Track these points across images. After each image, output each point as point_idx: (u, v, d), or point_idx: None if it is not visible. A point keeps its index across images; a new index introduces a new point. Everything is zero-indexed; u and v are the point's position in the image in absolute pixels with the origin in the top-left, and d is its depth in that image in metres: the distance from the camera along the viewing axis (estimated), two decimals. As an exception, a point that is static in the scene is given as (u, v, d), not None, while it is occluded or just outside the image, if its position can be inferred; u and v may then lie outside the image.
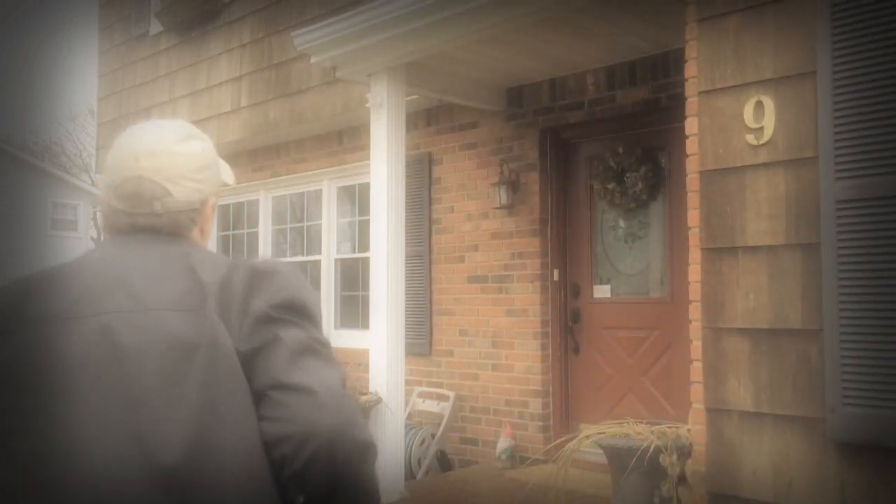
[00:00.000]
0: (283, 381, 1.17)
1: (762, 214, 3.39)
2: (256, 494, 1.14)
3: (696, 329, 3.58)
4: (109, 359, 1.16)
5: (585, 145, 5.97)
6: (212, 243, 8.89)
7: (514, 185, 5.98)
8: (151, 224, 1.33)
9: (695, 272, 3.60)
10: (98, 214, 29.56)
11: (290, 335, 1.21)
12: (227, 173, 1.57)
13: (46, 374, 1.16)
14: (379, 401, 4.94)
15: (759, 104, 3.40)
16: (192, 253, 1.31)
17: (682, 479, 3.74)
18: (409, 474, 5.68)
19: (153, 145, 1.36)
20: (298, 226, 8.07)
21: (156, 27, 8.98)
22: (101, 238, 1.21)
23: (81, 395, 1.14)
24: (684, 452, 3.74)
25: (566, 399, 5.94)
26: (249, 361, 1.19)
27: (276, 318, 1.22)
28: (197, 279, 1.25)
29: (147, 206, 1.33)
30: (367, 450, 1.17)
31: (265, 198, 8.32)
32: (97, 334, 1.17)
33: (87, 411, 1.13)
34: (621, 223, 5.80)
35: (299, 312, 1.25)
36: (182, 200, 1.35)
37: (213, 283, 1.24)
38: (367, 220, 5.53)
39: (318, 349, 1.23)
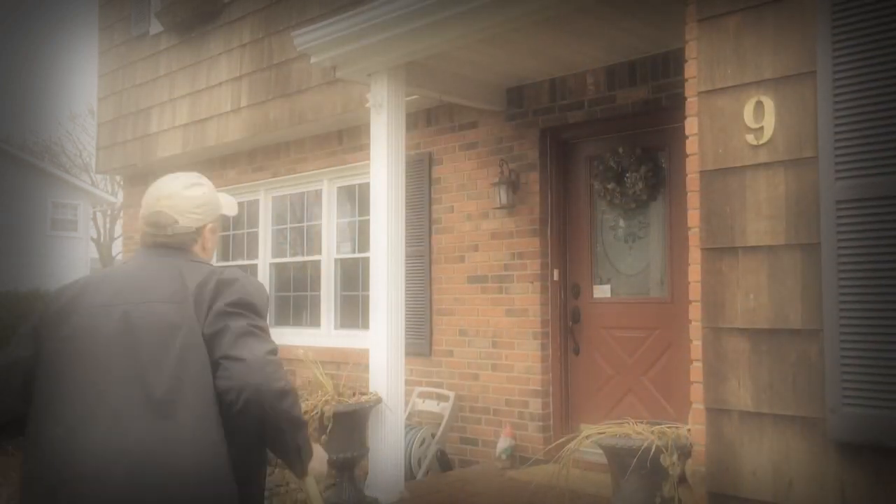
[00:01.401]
0: (228, 353, 1.87)
1: (762, 214, 3.39)
2: (210, 417, 1.85)
3: (696, 329, 3.58)
4: (126, 331, 1.91)
5: (585, 145, 5.97)
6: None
7: (514, 185, 5.98)
8: (165, 242, 2.13)
9: (695, 272, 3.60)
10: (98, 214, 29.53)
11: (236, 323, 1.92)
12: (228, 207, 2.29)
13: (91, 341, 1.91)
14: (379, 401, 4.94)
15: (759, 104, 3.40)
16: (184, 265, 2.06)
17: (682, 479, 3.74)
18: (409, 474, 5.68)
19: (169, 190, 2.16)
20: (298, 226, 8.07)
21: (156, 27, 8.98)
22: (137, 248, 2.23)
23: (108, 353, 1.89)
24: (684, 452, 3.74)
25: (566, 399, 5.94)
26: (210, 340, 1.90)
27: (229, 312, 1.94)
28: (183, 283, 1.98)
29: (163, 230, 2.13)
30: (282, 394, 1.85)
31: (265, 198, 8.32)
32: (120, 316, 1.93)
33: (111, 362, 1.88)
34: (621, 223, 5.80)
35: (246, 308, 1.97)
36: (186, 227, 2.14)
37: (193, 286, 1.97)
38: (367, 220, 5.53)
39: (254, 331, 1.92)
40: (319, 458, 2.09)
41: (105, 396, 1.83)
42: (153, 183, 2.20)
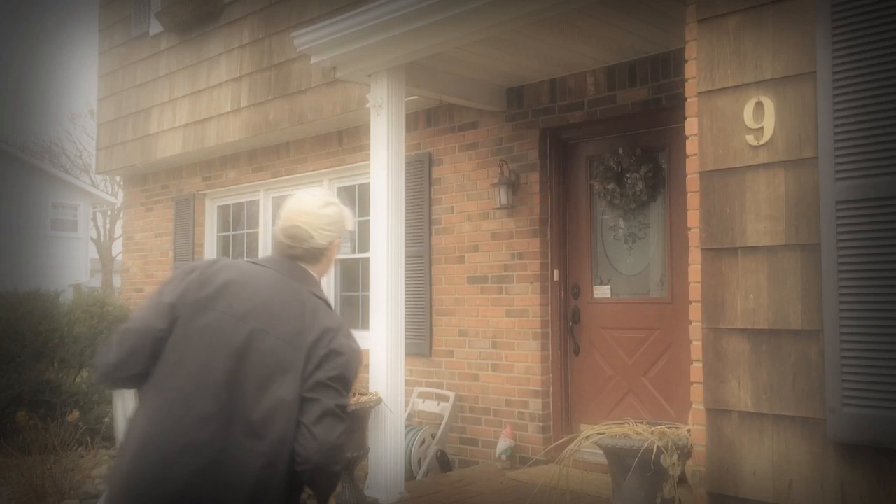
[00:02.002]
0: (310, 427, 2.14)
1: (762, 215, 3.39)
2: (282, 459, 2.13)
3: (696, 329, 3.58)
4: (246, 349, 2.17)
5: (585, 145, 5.97)
6: (212, 244, 8.90)
7: (514, 186, 5.98)
8: (299, 255, 2.37)
9: (695, 272, 3.60)
10: (98, 214, 29.50)
11: (327, 401, 2.16)
12: (349, 222, 2.51)
13: (216, 342, 2.17)
14: (379, 401, 4.94)
15: (759, 104, 3.41)
16: (309, 302, 2.27)
17: (682, 479, 3.74)
18: (410, 475, 5.68)
19: (307, 207, 2.40)
20: (298, 226, 8.06)
21: (156, 28, 8.98)
22: (270, 255, 2.47)
23: (223, 358, 2.16)
24: (684, 453, 3.74)
25: (566, 399, 5.94)
26: (303, 397, 2.16)
27: (327, 385, 2.17)
28: (304, 328, 2.21)
29: (300, 244, 2.36)
30: (335, 475, 2.21)
31: (265, 198, 8.32)
32: (246, 335, 2.18)
33: (221, 367, 2.15)
34: (621, 223, 5.80)
35: (341, 384, 2.21)
36: (319, 243, 2.38)
37: (311, 339, 2.20)
38: (367, 220, 5.53)
39: (338, 413, 2.18)
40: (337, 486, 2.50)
41: (205, 392, 2.13)
42: (292, 197, 2.46)
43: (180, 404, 2.12)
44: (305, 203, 2.42)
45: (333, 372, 2.18)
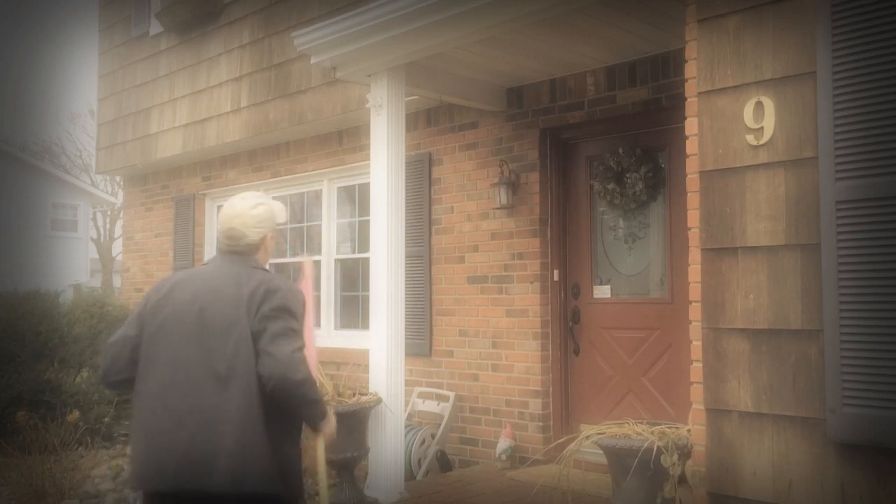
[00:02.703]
0: (265, 348, 2.56)
1: (762, 215, 3.39)
2: (252, 391, 2.54)
3: (696, 329, 3.58)
4: (200, 323, 2.62)
5: (585, 145, 5.97)
6: (212, 244, 8.90)
7: (514, 186, 5.98)
8: (236, 250, 2.81)
9: (695, 273, 3.60)
10: (98, 214, 29.49)
11: (274, 325, 2.59)
12: (280, 215, 2.95)
13: (177, 328, 2.63)
14: (379, 401, 4.94)
15: (759, 104, 3.41)
16: (245, 273, 2.72)
17: (682, 479, 3.74)
18: (409, 475, 5.68)
19: (238, 210, 2.83)
20: (298, 226, 8.07)
21: (156, 28, 8.98)
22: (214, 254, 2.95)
23: (188, 337, 2.61)
24: (684, 453, 3.74)
25: (566, 399, 5.94)
26: (255, 335, 2.58)
27: (270, 315, 2.61)
28: (241, 290, 2.65)
29: (235, 242, 2.81)
30: (300, 383, 2.55)
31: (265, 198, 8.31)
32: (197, 311, 2.64)
33: (189, 344, 2.60)
34: (621, 223, 5.80)
35: (284, 312, 2.64)
36: (252, 239, 2.82)
37: (247, 293, 2.64)
38: (367, 220, 5.53)
39: (287, 332, 2.59)
40: (332, 424, 2.84)
41: (184, 367, 2.59)
42: (227, 203, 2.89)
43: (163, 388, 2.58)
44: (237, 207, 2.86)
45: (274, 304, 2.62)
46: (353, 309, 7.36)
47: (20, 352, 8.08)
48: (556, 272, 5.95)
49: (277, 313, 2.60)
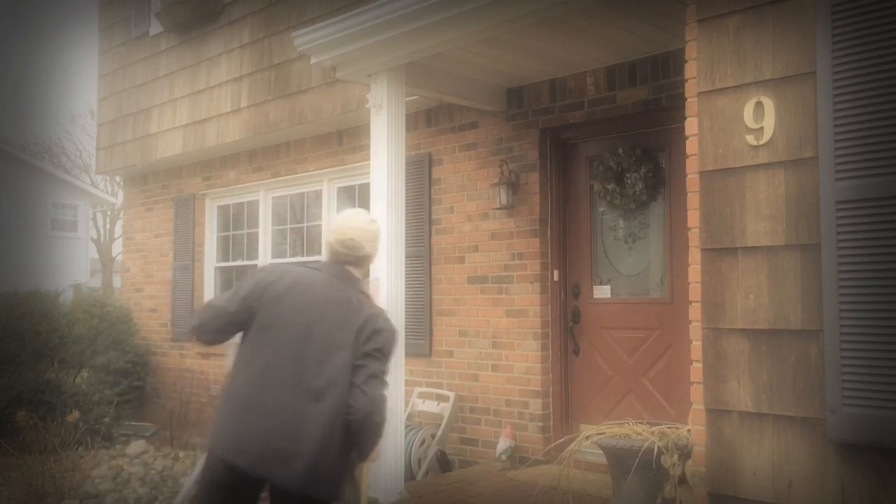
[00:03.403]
0: (360, 385, 2.84)
1: (762, 215, 3.39)
2: (341, 411, 2.83)
3: (696, 329, 3.58)
4: (309, 332, 2.89)
5: (585, 145, 5.97)
6: (212, 244, 8.90)
7: (514, 186, 5.98)
8: (349, 261, 3.06)
9: (695, 273, 3.60)
10: (98, 214, 29.48)
11: (372, 366, 2.88)
12: (380, 241, 3.31)
13: (288, 327, 2.92)
14: (379, 401, 4.94)
15: (759, 104, 3.41)
16: (354, 298, 2.98)
17: (682, 479, 3.74)
18: (409, 475, 5.68)
19: (357, 224, 3.09)
20: (298, 226, 8.07)
21: (156, 28, 8.98)
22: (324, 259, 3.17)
23: (295, 340, 2.89)
24: (685, 453, 3.74)
25: (566, 399, 5.94)
26: (354, 368, 2.86)
27: (372, 355, 2.89)
28: (352, 317, 2.92)
29: (350, 252, 3.05)
30: (377, 424, 2.87)
31: (265, 198, 8.32)
32: (309, 321, 2.91)
33: (293, 346, 2.89)
34: (621, 223, 5.80)
35: (383, 355, 2.93)
36: (366, 251, 3.08)
37: (358, 323, 2.91)
38: (367, 221, 5.51)
39: (380, 375, 2.90)
40: (378, 452, 3.12)
41: (285, 368, 2.86)
42: (343, 214, 3.16)
43: (264, 378, 2.87)
44: (356, 219, 3.12)
45: (377, 345, 2.90)
46: (353, 309, 7.35)
47: (20, 352, 8.08)
48: (556, 272, 5.95)
49: (378, 355, 2.91)
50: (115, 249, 29.68)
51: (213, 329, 2.97)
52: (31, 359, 8.14)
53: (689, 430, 3.73)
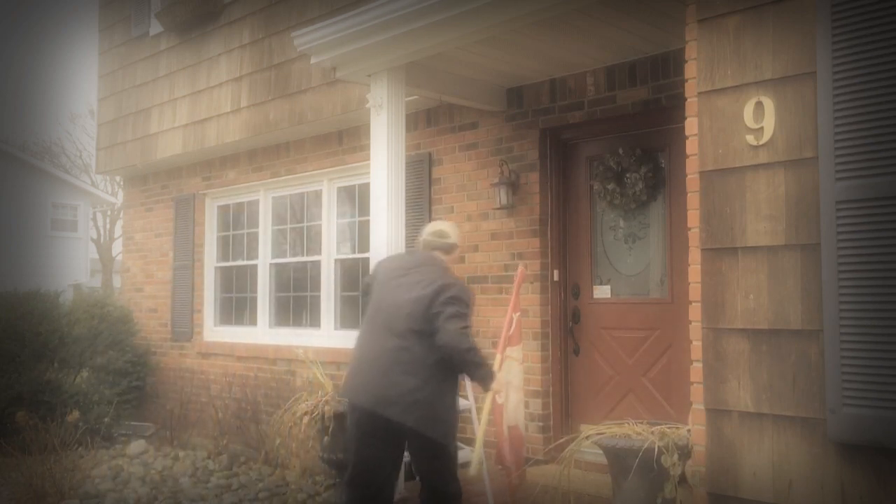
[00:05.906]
0: (441, 325, 3.76)
1: (762, 215, 3.39)
2: (430, 354, 3.82)
3: (696, 329, 3.58)
4: (399, 296, 3.96)
5: (585, 145, 5.97)
6: (212, 244, 8.90)
7: (514, 186, 5.98)
8: (439, 246, 4.18)
9: (695, 273, 3.60)
10: (98, 214, 29.47)
11: (448, 309, 3.78)
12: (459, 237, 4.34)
13: (384, 297, 4.06)
14: (379, 401, 4.97)
15: (759, 104, 3.41)
16: (434, 272, 4.00)
17: (682, 479, 3.75)
18: (409, 475, 5.68)
19: (444, 224, 4.35)
20: (298, 226, 8.07)
21: (156, 28, 8.98)
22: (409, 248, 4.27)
23: (388, 305, 4.00)
24: (685, 453, 3.74)
25: (566, 399, 5.94)
26: (436, 313, 3.79)
27: (446, 302, 3.80)
28: (431, 286, 3.88)
29: (438, 238, 4.20)
30: (466, 350, 3.75)
31: (265, 198, 8.32)
32: (397, 287, 4.01)
33: (388, 311, 3.99)
34: (621, 223, 5.80)
35: (456, 300, 3.82)
36: (452, 240, 4.22)
37: (435, 289, 3.86)
38: (367, 220, 5.53)
39: (457, 314, 3.78)
40: (498, 380, 4.07)
41: (379, 323, 3.95)
42: (432, 221, 4.52)
43: (373, 335, 3.95)
44: (445, 221, 4.47)
45: (449, 294, 3.81)
46: (354, 309, 7.35)
47: (20, 352, 8.08)
48: (556, 272, 5.96)
49: (451, 301, 3.77)
50: (115, 249, 29.69)
51: (366, 291, 4.29)
52: (31, 359, 8.14)
53: (689, 430, 3.73)
